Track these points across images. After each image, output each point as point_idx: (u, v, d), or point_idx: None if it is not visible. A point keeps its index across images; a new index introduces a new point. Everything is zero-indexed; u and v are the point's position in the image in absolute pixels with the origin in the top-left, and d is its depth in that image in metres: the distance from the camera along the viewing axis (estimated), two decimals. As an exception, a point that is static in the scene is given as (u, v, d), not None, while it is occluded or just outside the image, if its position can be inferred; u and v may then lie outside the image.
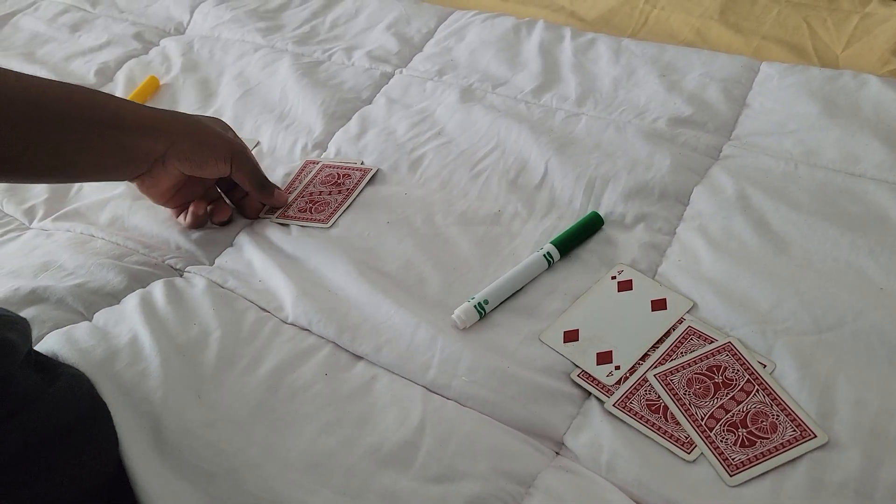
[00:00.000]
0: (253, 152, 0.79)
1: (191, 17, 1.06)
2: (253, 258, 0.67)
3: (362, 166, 0.76)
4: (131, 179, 0.65)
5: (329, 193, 0.73)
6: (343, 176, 0.75)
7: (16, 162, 0.57)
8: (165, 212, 0.72)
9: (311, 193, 0.74)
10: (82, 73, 0.96)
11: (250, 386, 0.54)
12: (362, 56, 0.92)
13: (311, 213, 0.71)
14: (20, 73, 0.57)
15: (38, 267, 0.65)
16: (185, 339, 0.57)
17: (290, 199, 0.73)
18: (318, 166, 0.77)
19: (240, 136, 0.71)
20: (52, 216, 0.75)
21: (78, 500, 0.46)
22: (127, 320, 0.58)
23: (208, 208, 0.70)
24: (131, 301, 0.60)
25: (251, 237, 0.69)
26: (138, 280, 0.64)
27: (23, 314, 0.56)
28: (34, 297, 0.61)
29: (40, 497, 0.44)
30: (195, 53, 0.98)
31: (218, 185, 0.72)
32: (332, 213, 0.71)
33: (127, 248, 0.69)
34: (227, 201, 0.72)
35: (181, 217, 0.71)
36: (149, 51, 1.00)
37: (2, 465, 0.43)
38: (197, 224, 0.70)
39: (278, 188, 0.72)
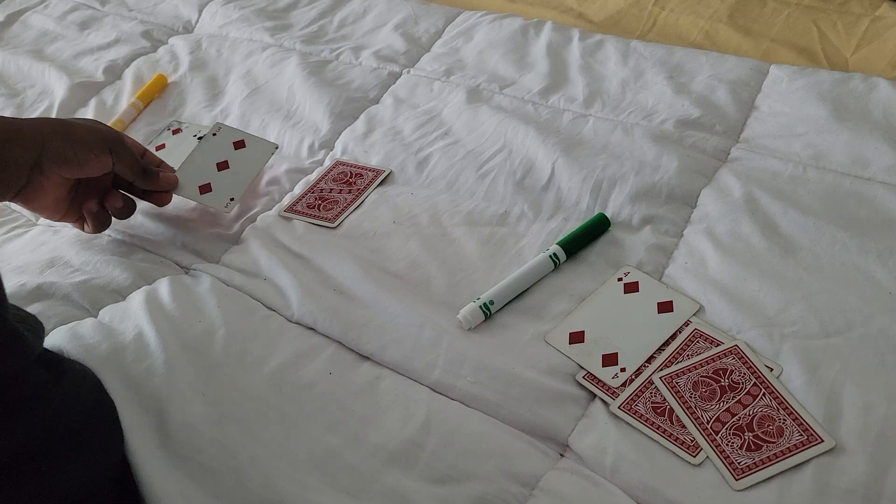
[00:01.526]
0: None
1: (199, 15, 1.06)
2: (259, 256, 0.67)
3: (375, 167, 0.76)
4: (13, 198, 0.60)
5: (339, 192, 0.73)
6: (355, 175, 0.75)
7: None
8: (171, 210, 0.72)
9: (321, 190, 0.74)
10: (91, 70, 0.96)
11: (255, 384, 0.54)
12: (370, 56, 0.92)
13: (320, 210, 0.71)
14: None
15: (45, 263, 0.65)
16: (190, 335, 0.57)
17: (300, 194, 0.73)
18: (332, 162, 0.77)
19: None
20: (60, 213, 0.75)
21: (83, 495, 0.46)
22: (132, 316, 0.58)
23: (103, 203, 0.66)
24: (137, 297, 0.60)
25: (257, 236, 0.69)
26: (144, 277, 0.64)
27: (29, 310, 0.56)
28: (40, 292, 0.61)
29: (46, 492, 0.44)
30: (203, 52, 0.98)
31: (115, 185, 0.67)
32: (339, 213, 0.71)
33: (133, 246, 0.69)
34: (128, 195, 0.68)
35: (85, 227, 0.67)
36: (157, 49, 1.00)
37: (9, 459, 0.43)
38: (98, 223, 0.66)
39: (164, 170, 0.68)
